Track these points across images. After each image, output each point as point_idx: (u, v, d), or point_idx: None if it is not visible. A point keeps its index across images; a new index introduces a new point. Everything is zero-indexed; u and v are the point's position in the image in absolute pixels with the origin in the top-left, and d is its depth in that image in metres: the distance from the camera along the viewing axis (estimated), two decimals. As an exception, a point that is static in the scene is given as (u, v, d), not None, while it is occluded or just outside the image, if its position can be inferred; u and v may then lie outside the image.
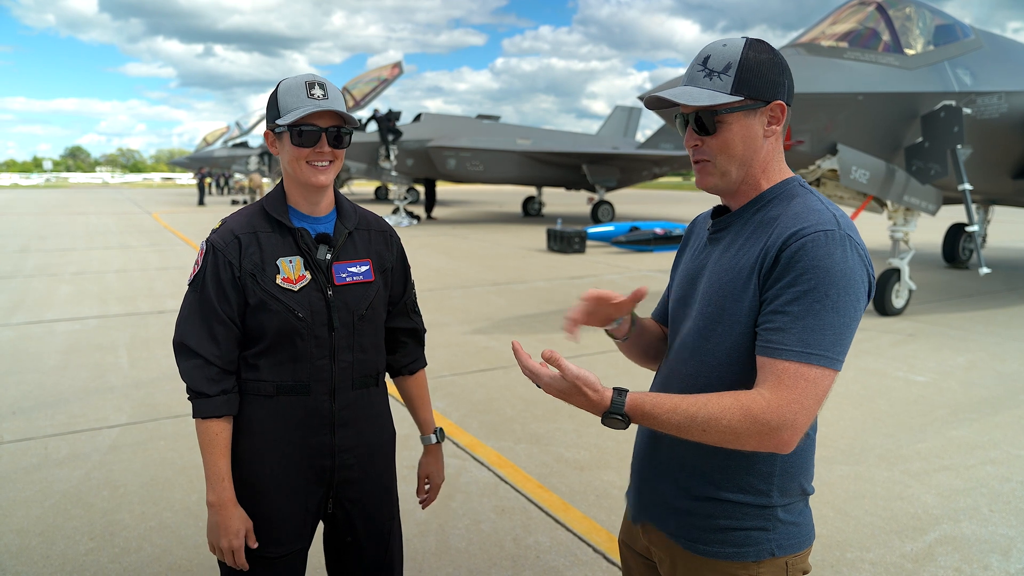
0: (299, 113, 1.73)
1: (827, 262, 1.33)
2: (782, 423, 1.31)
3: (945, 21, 8.60)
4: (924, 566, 3.24)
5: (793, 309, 1.34)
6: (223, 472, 1.82)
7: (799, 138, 7.37)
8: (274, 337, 1.81)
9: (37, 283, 10.86)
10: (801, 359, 1.32)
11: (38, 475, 4.13)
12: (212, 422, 1.80)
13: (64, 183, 78.56)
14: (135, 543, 3.40)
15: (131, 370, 6.26)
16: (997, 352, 7.13)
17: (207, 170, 40.05)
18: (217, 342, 1.80)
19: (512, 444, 4.63)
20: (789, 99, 1.49)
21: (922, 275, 11.80)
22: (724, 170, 1.49)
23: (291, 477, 1.87)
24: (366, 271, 1.92)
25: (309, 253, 1.84)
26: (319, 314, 1.83)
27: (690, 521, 1.54)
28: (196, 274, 1.82)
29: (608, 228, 16.87)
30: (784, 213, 1.44)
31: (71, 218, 24.72)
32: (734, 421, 1.31)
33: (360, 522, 1.98)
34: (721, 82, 1.44)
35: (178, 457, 4.38)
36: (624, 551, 1.81)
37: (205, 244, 1.84)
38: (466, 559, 3.28)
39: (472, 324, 8.22)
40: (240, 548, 1.82)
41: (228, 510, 1.81)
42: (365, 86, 22.14)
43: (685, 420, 1.34)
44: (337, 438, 1.89)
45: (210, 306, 1.80)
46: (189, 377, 1.80)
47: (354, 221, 1.94)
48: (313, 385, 1.85)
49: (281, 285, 1.81)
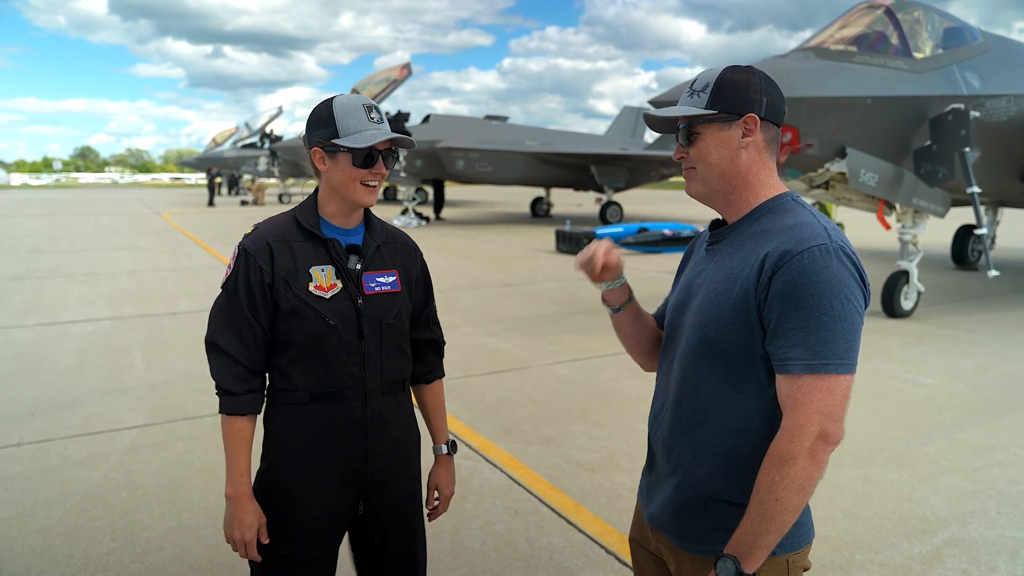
0: (369, 139, 1.82)
1: (825, 275, 1.41)
2: (810, 441, 1.40)
3: (954, 24, 8.60)
4: (932, 568, 3.28)
5: (801, 325, 1.42)
6: (243, 468, 1.90)
7: (808, 141, 7.40)
8: (304, 343, 1.88)
9: (50, 284, 10.98)
10: (817, 371, 1.40)
11: (59, 476, 4.20)
12: (237, 419, 1.89)
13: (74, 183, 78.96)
14: (156, 543, 3.48)
15: (146, 371, 6.34)
16: (1006, 354, 7.15)
17: (216, 170, 40.19)
18: (245, 343, 1.88)
19: (524, 446, 4.69)
20: (770, 115, 1.59)
21: (931, 276, 11.79)
22: (704, 177, 1.62)
23: (326, 481, 1.94)
24: (393, 281, 2.00)
25: (341, 263, 1.91)
26: (349, 322, 1.90)
27: (693, 524, 1.61)
28: (228, 277, 1.90)
29: (617, 229, 16.89)
30: (776, 226, 1.54)
31: (82, 219, 24.90)
32: (781, 476, 1.41)
33: (388, 523, 2.05)
34: (699, 99, 1.60)
35: (195, 458, 4.45)
36: (635, 549, 1.86)
37: (238, 248, 1.92)
38: (480, 560, 3.34)
39: (483, 326, 8.28)
40: (252, 541, 1.90)
41: (244, 504, 1.89)
42: (374, 87, 22.21)
43: (762, 514, 1.42)
44: (370, 442, 1.96)
45: (240, 308, 1.88)
46: (218, 375, 1.88)
47: (382, 235, 2.03)
48: (346, 391, 1.92)
49: (314, 292, 1.88)
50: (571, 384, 6.07)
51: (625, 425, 5.04)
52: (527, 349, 7.23)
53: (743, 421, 1.54)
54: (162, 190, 59.03)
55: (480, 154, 23.97)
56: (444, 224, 23.98)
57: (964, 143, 7.63)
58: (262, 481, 1.99)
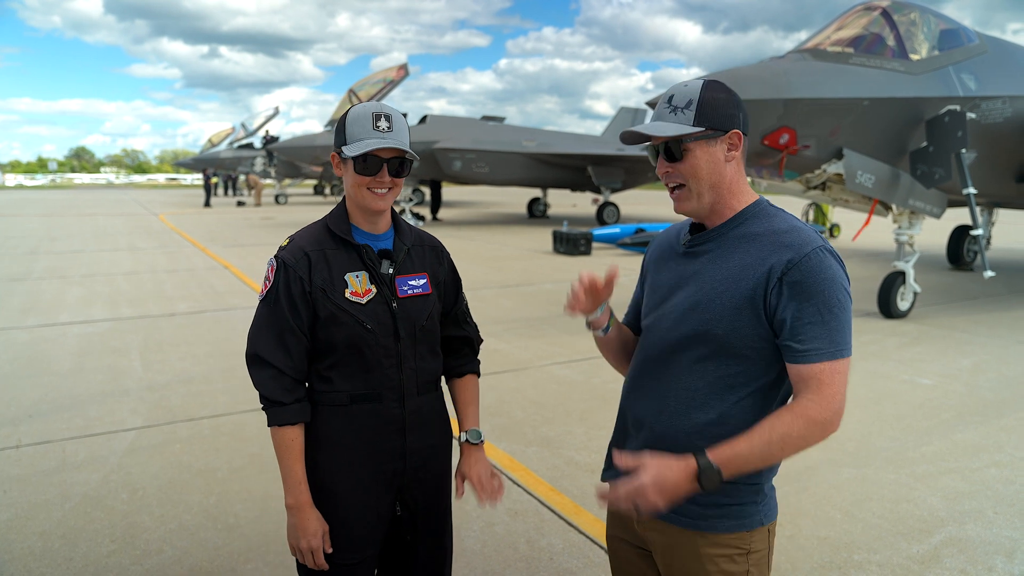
0: (365, 146, 1.85)
1: (829, 273, 1.59)
2: (834, 414, 1.58)
3: (950, 26, 8.64)
4: (930, 567, 3.30)
5: (817, 319, 1.58)
6: (299, 476, 1.92)
7: (805, 142, 7.42)
8: (344, 348, 1.92)
9: (48, 285, 10.96)
10: (835, 357, 1.58)
11: (57, 478, 4.20)
12: (288, 429, 1.91)
13: (69, 184, 78.75)
14: (156, 545, 3.48)
15: (145, 373, 6.34)
16: (1002, 355, 7.18)
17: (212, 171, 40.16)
18: (289, 353, 1.91)
19: (523, 447, 4.70)
20: (745, 129, 1.71)
21: (926, 277, 11.83)
22: (698, 193, 1.70)
23: (366, 482, 1.97)
24: (424, 284, 2.05)
25: (374, 268, 1.96)
26: (385, 325, 1.94)
27: (689, 504, 1.68)
28: (268, 289, 1.93)
29: (614, 230, 16.90)
30: (768, 230, 1.67)
31: (79, 220, 24.84)
32: (802, 431, 1.56)
33: (422, 521, 2.09)
34: (685, 116, 1.67)
35: (195, 460, 4.45)
36: (616, 545, 1.93)
37: (275, 261, 1.95)
38: (481, 561, 3.36)
39: (482, 327, 8.17)
40: (319, 548, 1.92)
41: (306, 512, 1.92)
42: (372, 87, 22.20)
43: (765, 448, 1.57)
44: (408, 441, 2.00)
45: (283, 319, 1.91)
46: (264, 387, 1.90)
47: (411, 238, 2.07)
48: (384, 392, 1.96)
49: (350, 299, 1.92)
50: (570, 385, 6.09)
51: (624, 426, 5.04)
52: (526, 350, 7.24)
53: (742, 407, 1.67)
54: (158, 191, 58.92)
55: (477, 155, 23.96)
56: (441, 225, 23.99)
57: (961, 144, 7.66)
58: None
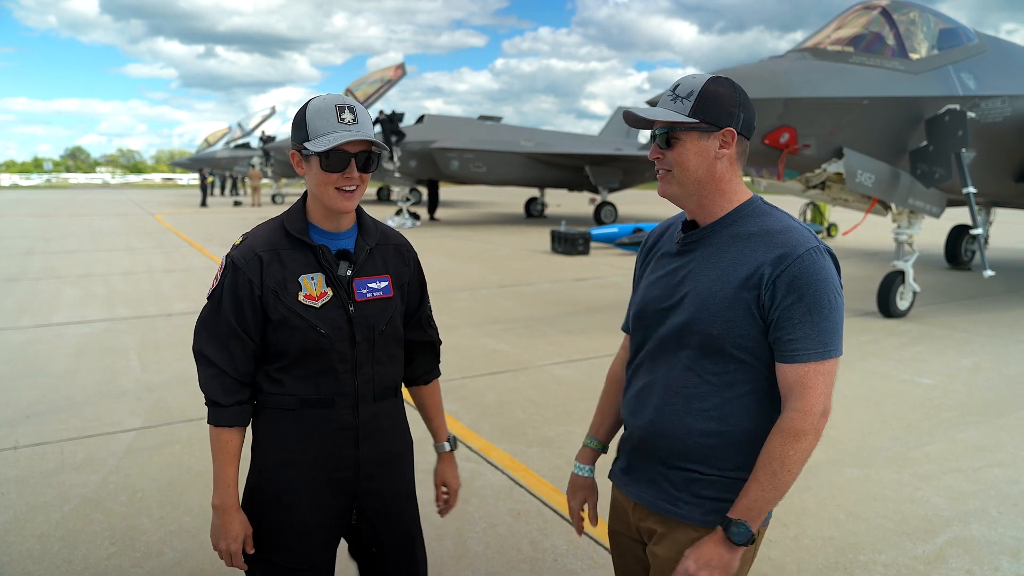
0: (331, 141, 1.72)
1: (822, 274, 1.60)
2: (818, 418, 1.59)
3: (949, 25, 8.63)
4: (936, 568, 3.28)
5: (807, 319, 1.58)
6: (230, 479, 1.87)
7: (806, 142, 7.41)
8: (297, 353, 1.84)
9: (44, 285, 10.91)
10: (822, 357, 1.59)
11: (56, 479, 4.17)
12: (224, 430, 1.86)
13: (64, 184, 78.57)
14: (156, 547, 3.45)
15: (143, 374, 6.30)
16: (1002, 355, 7.18)
17: (208, 171, 40.09)
18: (232, 355, 1.84)
19: (525, 447, 4.67)
20: (744, 130, 1.70)
21: (925, 277, 11.83)
22: (681, 181, 1.71)
23: (314, 489, 1.91)
24: (385, 287, 1.95)
25: (330, 269, 1.86)
26: (341, 330, 1.86)
27: (686, 497, 1.72)
28: (214, 289, 1.87)
29: (612, 230, 16.89)
30: (763, 229, 1.66)
31: (75, 220, 24.75)
32: (793, 445, 1.58)
33: (384, 532, 2.03)
34: (682, 105, 1.67)
35: (194, 461, 4.42)
36: (617, 539, 1.95)
37: (225, 260, 1.87)
38: (484, 563, 3.33)
39: (480, 327, 8.27)
40: (238, 552, 1.89)
41: (230, 514, 1.87)
42: (368, 87, 22.14)
43: (771, 479, 1.59)
44: (361, 450, 1.93)
45: (225, 321, 1.84)
46: (206, 386, 1.86)
47: (375, 237, 1.96)
48: (337, 399, 1.88)
49: (303, 302, 1.83)
50: (570, 385, 6.07)
51: (625, 426, 5.02)
52: (525, 350, 7.22)
53: (739, 405, 1.67)
54: (154, 191, 58.76)
55: (475, 154, 23.94)
56: (439, 225, 23.94)
57: (961, 144, 7.66)
58: (252, 486, 1.95)
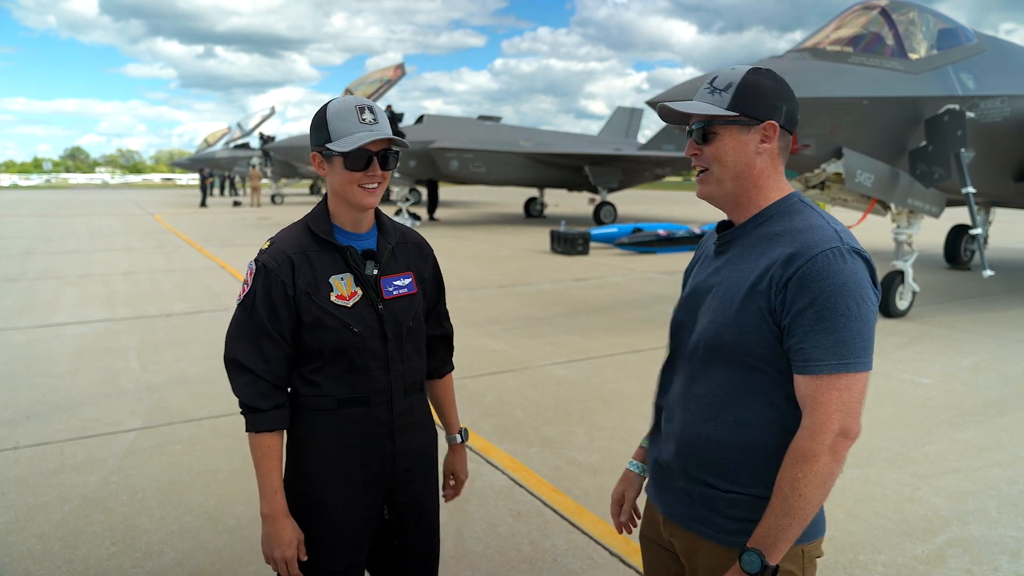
0: (356, 140, 1.79)
1: (840, 277, 1.44)
2: (831, 439, 1.44)
3: (948, 25, 8.63)
4: (936, 568, 3.28)
5: (819, 327, 1.44)
6: (276, 485, 1.87)
7: (805, 142, 7.42)
8: (331, 353, 1.87)
9: (43, 286, 10.90)
10: (836, 370, 1.44)
11: (56, 480, 4.17)
12: (265, 436, 1.86)
13: (64, 184, 78.62)
14: (156, 547, 3.45)
15: (143, 374, 6.30)
16: (1001, 355, 7.18)
17: (208, 171, 40.09)
18: (267, 359, 1.85)
19: (525, 448, 4.68)
20: (787, 123, 1.60)
21: (924, 276, 11.83)
22: (719, 179, 1.61)
23: (354, 487, 1.94)
24: (409, 283, 2.00)
25: (358, 269, 1.90)
26: (372, 328, 1.90)
27: (710, 514, 1.62)
28: (246, 294, 1.87)
29: (611, 230, 16.87)
30: (787, 229, 1.55)
31: (74, 220, 24.74)
32: (806, 470, 1.45)
33: (411, 522, 2.07)
34: (720, 98, 1.58)
35: (195, 461, 4.42)
36: (647, 545, 1.89)
37: (255, 264, 1.89)
38: (484, 562, 3.33)
39: (480, 327, 8.27)
40: (293, 559, 1.87)
41: (280, 522, 1.87)
42: (368, 87, 22.11)
43: (784, 505, 1.46)
44: (396, 444, 1.97)
45: (260, 324, 1.85)
46: (243, 393, 1.86)
47: (395, 237, 2.02)
48: (372, 396, 1.92)
49: (336, 302, 1.87)
50: (570, 385, 6.07)
51: (626, 427, 5.03)
52: (525, 350, 7.22)
53: (758, 417, 1.57)
54: (153, 191, 58.75)
55: (474, 154, 23.93)
56: (439, 225, 23.94)
57: (960, 144, 7.67)
58: (289, 492, 1.94)
